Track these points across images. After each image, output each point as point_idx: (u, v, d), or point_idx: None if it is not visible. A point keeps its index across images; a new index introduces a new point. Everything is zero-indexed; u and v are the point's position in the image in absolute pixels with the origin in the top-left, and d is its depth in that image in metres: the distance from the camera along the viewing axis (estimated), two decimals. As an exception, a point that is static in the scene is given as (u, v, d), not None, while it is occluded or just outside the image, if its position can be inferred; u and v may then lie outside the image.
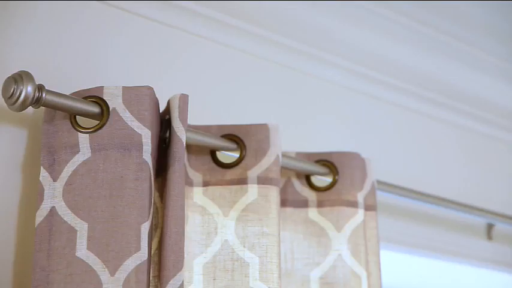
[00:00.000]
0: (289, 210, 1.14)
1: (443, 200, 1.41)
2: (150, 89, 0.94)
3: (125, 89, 0.93)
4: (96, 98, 0.93)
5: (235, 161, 1.05)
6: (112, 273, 0.87)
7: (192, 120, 1.02)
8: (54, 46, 1.07)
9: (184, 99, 0.96)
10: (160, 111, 0.99)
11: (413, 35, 1.52)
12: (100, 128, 0.92)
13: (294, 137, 1.30)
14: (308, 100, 1.40)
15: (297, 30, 1.36)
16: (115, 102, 0.92)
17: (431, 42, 1.55)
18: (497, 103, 1.70)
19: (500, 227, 1.58)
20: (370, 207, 1.17)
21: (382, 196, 1.29)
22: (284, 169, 1.12)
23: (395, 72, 1.52)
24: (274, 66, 1.36)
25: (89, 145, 0.91)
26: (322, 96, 1.42)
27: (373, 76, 1.48)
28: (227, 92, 1.28)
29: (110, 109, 0.92)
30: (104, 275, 0.87)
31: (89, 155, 0.91)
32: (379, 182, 1.25)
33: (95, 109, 0.92)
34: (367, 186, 1.17)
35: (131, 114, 0.92)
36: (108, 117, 0.92)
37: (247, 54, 1.32)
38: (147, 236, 0.90)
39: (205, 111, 1.20)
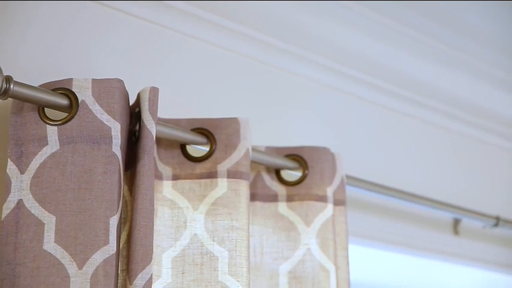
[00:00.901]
0: (258, 204, 1.14)
1: (411, 195, 1.42)
2: (120, 81, 0.94)
3: (95, 81, 0.92)
4: (65, 90, 0.92)
5: (205, 155, 1.05)
6: (80, 267, 0.87)
7: (162, 113, 1.02)
8: (47, 45, 1.07)
9: (154, 92, 0.96)
10: (130, 104, 0.99)
11: (386, 31, 1.53)
12: (69, 120, 0.91)
13: (264, 131, 1.30)
14: (279, 95, 1.40)
15: (271, 25, 1.36)
16: (84, 94, 0.92)
17: (402, 39, 1.56)
18: (463, 97, 1.71)
19: (466, 222, 1.60)
20: (339, 201, 1.17)
21: (351, 191, 1.30)
22: (254, 163, 1.12)
23: (367, 69, 1.52)
24: (246, 61, 1.35)
25: (57, 138, 0.90)
26: (294, 91, 1.42)
27: (344, 72, 1.49)
28: (198, 86, 1.28)
29: (79, 101, 0.91)
30: (71, 268, 0.86)
31: (58, 147, 0.90)
32: (348, 176, 1.25)
33: (64, 101, 0.91)
34: (336, 181, 1.17)
35: (101, 106, 0.91)
36: (77, 110, 0.91)
37: (220, 48, 1.31)
38: (115, 229, 0.89)
39: (176, 104, 1.20)
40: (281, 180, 1.16)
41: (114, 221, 0.89)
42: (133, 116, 0.97)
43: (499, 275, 1.71)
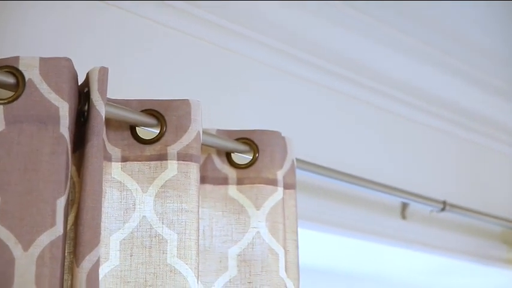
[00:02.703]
0: (208, 187, 1.14)
1: (360, 179, 1.43)
2: (69, 60, 0.92)
3: (42, 60, 0.90)
4: (11, 68, 0.90)
5: (155, 137, 1.04)
6: (25, 249, 0.85)
7: (111, 94, 1.00)
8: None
9: (104, 72, 0.94)
10: (79, 84, 0.97)
11: (337, 14, 1.53)
12: (15, 99, 0.89)
13: (215, 114, 1.29)
14: (231, 78, 1.39)
15: (223, 7, 1.35)
16: (31, 73, 0.90)
17: (354, 23, 1.57)
18: (412, 82, 1.73)
19: (414, 206, 1.62)
20: (289, 185, 1.17)
21: (301, 175, 1.30)
22: (205, 146, 1.11)
23: (318, 53, 1.53)
24: (197, 42, 1.34)
25: (3, 117, 0.88)
26: (246, 74, 1.42)
27: (296, 56, 1.49)
28: (149, 67, 1.26)
29: (26, 80, 0.89)
30: (16, 250, 0.85)
31: (3, 127, 0.88)
32: (298, 160, 1.26)
33: (10, 79, 0.89)
34: (287, 165, 1.17)
35: (48, 86, 0.90)
36: (23, 89, 0.89)
37: (170, 29, 1.30)
38: (63, 210, 0.88)
39: (126, 85, 1.18)
40: (232, 163, 1.16)
41: (61, 202, 0.88)
42: (82, 96, 0.95)
43: (445, 259, 1.74)
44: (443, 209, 1.61)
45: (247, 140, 1.16)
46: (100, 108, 0.93)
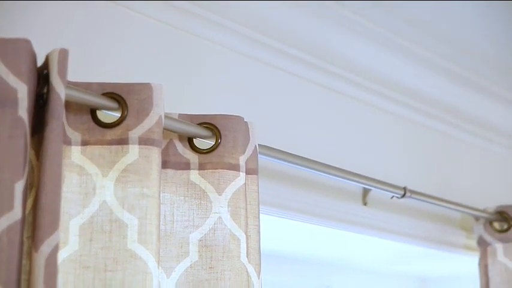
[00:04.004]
0: (170, 172, 1.13)
1: (322, 165, 1.44)
2: (28, 41, 0.90)
3: (0, 40, 0.89)
4: (-33, 49, 0.88)
5: (116, 121, 1.03)
6: (-18, 233, 0.84)
7: (72, 76, 0.99)
8: None
9: (64, 53, 0.92)
10: (38, 65, 0.95)
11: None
12: (-29, 81, 0.87)
13: (178, 98, 1.28)
14: (194, 62, 1.38)
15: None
16: (-12, 54, 0.88)
17: (315, 9, 1.57)
18: (373, 69, 1.74)
19: (375, 192, 1.63)
20: (251, 170, 1.17)
21: (264, 160, 1.30)
22: (166, 131, 1.11)
23: (283, 38, 1.52)
24: (161, 26, 1.33)
25: (-42, 99, 0.87)
26: (209, 59, 1.41)
27: (261, 40, 1.49)
28: (110, 49, 1.25)
29: (-17, 61, 0.88)
30: (-27, 235, 0.83)
31: (-41, 109, 0.87)
32: (261, 146, 1.26)
33: (-34, 60, 0.87)
34: (249, 150, 1.17)
35: (6, 67, 0.88)
36: (-20, 70, 0.87)
37: (134, 12, 1.29)
38: (21, 194, 0.87)
39: (87, 68, 1.17)
40: (194, 148, 1.15)
41: (19, 186, 0.86)
42: (41, 79, 0.94)
43: (405, 244, 1.76)
44: (404, 195, 1.62)
45: (210, 125, 1.15)
46: (60, 91, 0.91)
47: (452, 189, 1.91)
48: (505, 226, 1.81)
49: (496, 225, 1.82)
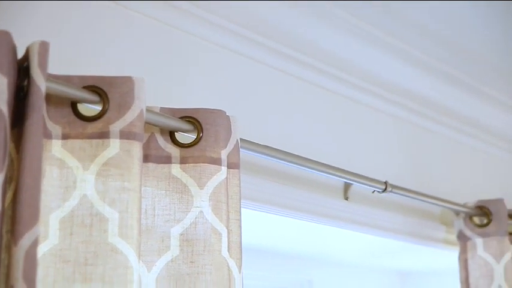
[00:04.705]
0: (151, 165, 1.13)
1: (303, 159, 1.44)
2: (8, 34, 0.89)
3: (-21, 32, 0.88)
4: None
5: (97, 114, 1.02)
6: (-39, 227, 0.83)
7: (52, 69, 0.98)
8: None
9: (44, 46, 0.92)
10: (18, 58, 0.94)
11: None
12: (-50, 73, 0.86)
13: (159, 92, 1.28)
14: (175, 55, 1.38)
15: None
16: (-33, 46, 0.87)
17: (301, 5, 1.57)
18: (359, 66, 1.74)
19: (356, 187, 1.63)
20: (233, 165, 1.17)
21: (245, 154, 1.30)
22: (148, 124, 1.10)
23: (266, 32, 1.52)
24: (143, 19, 1.32)
25: None
26: (191, 53, 1.40)
27: (243, 35, 1.48)
28: (92, 42, 1.24)
29: (-38, 53, 0.87)
30: (-49, 228, 0.83)
31: None
32: (243, 140, 1.25)
33: None
34: (231, 144, 1.17)
35: (-15, 59, 0.87)
36: (-41, 62, 0.86)
37: (117, 5, 1.28)
38: (0, 188, 0.86)
39: (69, 61, 1.16)
40: (175, 142, 1.15)
41: (-1, 179, 0.86)
42: (22, 71, 0.93)
43: (386, 239, 1.77)
44: (385, 190, 1.62)
45: (192, 119, 1.15)
46: (40, 84, 0.90)
47: (433, 184, 1.92)
48: (485, 221, 1.82)
49: (476, 220, 1.83)
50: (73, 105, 1.02)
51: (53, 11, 1.19)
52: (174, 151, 1.14)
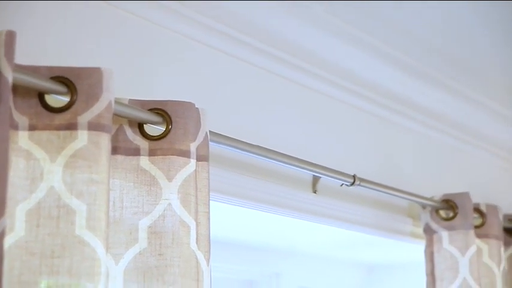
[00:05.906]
0: (120, 157, 1.12)
1: (272, 152, 1.44)
2: (-27, 23, 0.88)
3: None
4: None
5: (65, 105, 1.01)
6: None
7: (19, 59, 0.97)
8: None
9: (11, 36, 0.90)
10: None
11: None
12: None
13: (128, 83, 1.27)
14: (145, 47, 1.37)
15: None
16: None
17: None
18: (329, 60, 1.75)
19: (325, 180, 1.64)
20: (202, 157, 1.17)
21: (214, 147, 1.30)
22: (116, 116, 1.09)
23: (236, 25, 1.52)
24: (112, 9, 1.31)
25: None
26: (161, 44, 1.40)
27: (213, 27, 1.48)
28: (60, 32, 1.22)
29: None
30: None
31: None
32: (212, 133, 1.25)
33: None
34: (200, 137, 1.17)
35: (-49, 49, 0.86)
36: None
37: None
38: (-35, 180, 0.85)
39: (36, 51, 1.14)
40: (144, 134, 1.14)
41: (-36, 171, 0.85)
42: (-13, 61, 0.92)
43: (355, 232, 1.78)
44: (353, 183, 1.63)
45: (160, 111, 1.15)
46: (7, 74, 0.89)
47: (400, 177, 1.94)
48: (451, 214, 1.84)
49: (442, 213, 1.85)
50: (40, 96, 1.01)
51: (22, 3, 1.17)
52: (142, 143, 1.13)
